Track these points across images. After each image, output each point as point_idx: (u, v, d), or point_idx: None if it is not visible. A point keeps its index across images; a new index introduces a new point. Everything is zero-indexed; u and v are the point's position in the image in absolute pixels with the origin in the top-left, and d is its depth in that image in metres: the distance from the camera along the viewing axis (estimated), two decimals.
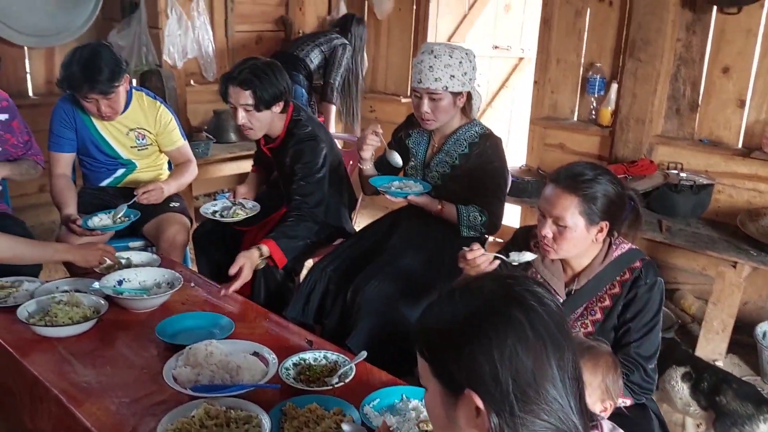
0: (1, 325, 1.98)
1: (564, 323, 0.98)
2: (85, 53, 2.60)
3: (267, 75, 2.54)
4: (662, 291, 1.87)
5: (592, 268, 1.91)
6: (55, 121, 2.82)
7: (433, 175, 2.60)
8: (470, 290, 1.00)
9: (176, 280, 2.24)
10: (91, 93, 2.60)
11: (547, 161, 4.15)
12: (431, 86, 2.41)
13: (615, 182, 1.83)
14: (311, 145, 2.69)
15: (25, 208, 4.10)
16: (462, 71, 2.42)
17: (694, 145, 3.58)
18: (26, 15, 4.06)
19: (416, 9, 4.83)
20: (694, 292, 3.68)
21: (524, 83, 5.41)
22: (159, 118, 2.90)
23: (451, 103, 2.47)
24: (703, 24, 3.48)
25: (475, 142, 2.52)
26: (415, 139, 2.68)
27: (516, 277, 1.03)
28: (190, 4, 4.05)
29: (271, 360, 1.77)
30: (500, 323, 0.94)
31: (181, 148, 3.02)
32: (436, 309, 1.01)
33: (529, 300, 0.96)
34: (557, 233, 1.83)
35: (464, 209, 2.50)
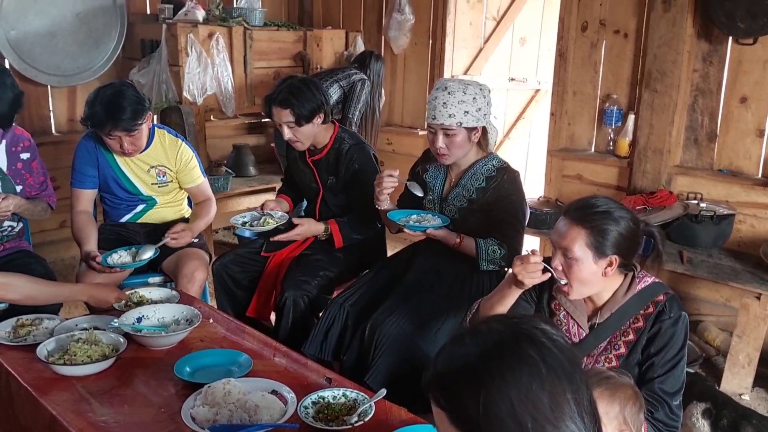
0: (21, 363, 1.98)
1: (576, 358, 0.98)
2: (108, 92, 2.64)
3: (303, 92, 2.73)
4: (687, 325, 1.85)
5: (615, 301, 1.88)
6: (78, 158, 2.87)
7: (451, 209, 2.59)
8: (479, 332, 0.99)
9: (195, 316, 2.24)
10: (115, 131, 2.64)
11: (565, 192, 4.13)
12: (445, 122, 2.42)
13: (628, 217, 1.81)
14: (362, 151, 2.88)
15: (44, 244, 4.16)
16: (476, 107, 2.43)
17: (713, 175, 3.55)
18: (49, 55, 4.17)
19: (432, 43, 4.87)
20: (718, 324, 3.62)
21: (541, 115, 5.41)
22: (180, 155, 2.93)
23: (465, 139, 2.47)
24: (719, 55, 3.47)
25: (492, 175, 2.52)
26: (433, 174, 2.69)
27: (522, 316, 1.04)
28: (209, 41, 4.12)
29: (289, 398, 1.76)
30: (513, 361, 0.93)
31: (201, 186, 3.04)
32: (447, 354, 0.99)
33: (540, 337, 0.96)
34: (566, 265, 1.83)
35: (483, 243, 2.48)
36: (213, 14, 4.33)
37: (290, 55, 4.70)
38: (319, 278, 2.78)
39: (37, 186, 2.80)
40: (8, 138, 2.68)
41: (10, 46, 3.99)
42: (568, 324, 1.95)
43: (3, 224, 2.70)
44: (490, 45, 5.08)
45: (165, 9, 4.25)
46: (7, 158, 2.69)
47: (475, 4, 4.92)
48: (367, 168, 2.88)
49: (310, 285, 2.73)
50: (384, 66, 4.64)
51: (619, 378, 1.60)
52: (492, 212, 2.51)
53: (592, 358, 1.90)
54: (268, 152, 5.16)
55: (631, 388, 1.60)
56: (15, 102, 2.54)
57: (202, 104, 4.18)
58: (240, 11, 4.39)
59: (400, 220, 2.56)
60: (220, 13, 4.35)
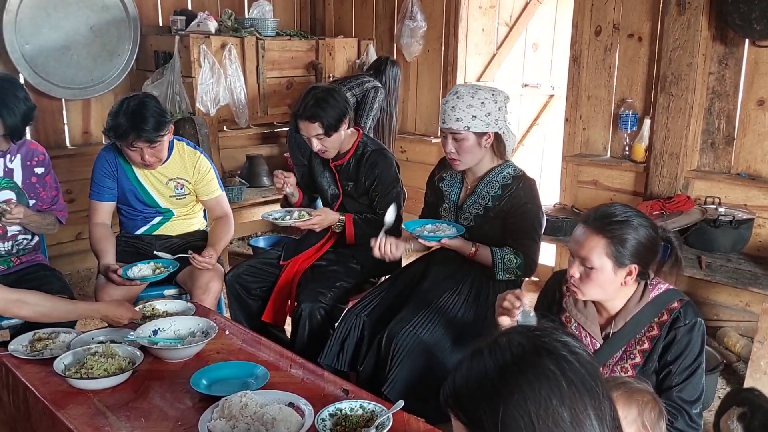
0: (38, 377, 1.99)
1: (597, 372, 0.95)
2: (132, 103, 2.67)
3: (329, 102, 2.76)
4: (703, 332, 1.81)
5: (628, 309, 1.85)
6: (97, 171, 2.88)
7: (466, 216, 2.58)
8: (498, 345, 0.97)
9: (211, 328, 2.23)
10: (138, 141, 2.66)
11: (580, 199, 4.10)
12: (453, 126, 2.42)
13: (647, 225, 1.79)
14: (384, 156, 2.90)
15: (61, 256, 4.17)
16: (485, 111, 2.40)
17: (731, 179, 3.51)
18: (64, 69, 4.19)
19: (444, 50, 4.86)
20: (738, 330, 3.57)
21: (555, 120, 5.38)
22: (198, 167, 2.94)
23: (475, 144, 2.45)
24: (735, 57, 3.44)
25: (508, 183, 2.50)
26: (449, 182, 2.67)
27: (544, 328, 1.01)
28: (222, 52, 4.13)
29: (307, 411, 1.75)
30: (533, 376, 0.91)
31: (218, 198, 3.05)
32: (466, 368, 0.97)
33: (560, 350, 0.94)
34: (584, 274, 1.81)
35: (499, 252, 2.46)
36: (225, 25, 4.35)
37: (303, 65, 4.70)
38: (335, 289, 2.77)
39: (48, 200, 2.81)
40: (23, 152, 2.70)
41: (25, 60, 4.02)
42: (580, 335, 1.93)
43: (18, 238, 2.71)
44: (502, 51, 5.06)
45: (177, 21, 4.28)
46: (23, 172, 2.71)
47: (487, 10, 4.90)
48: (388, 174, 2.88)
49: (325, 296, 2.73)
50: (400, 71, 4.62)
51: (636, 383, 1.57)
52: (508, 221, 2.49)
53: (607, 368, 1.88)
54: (281, 162, 5.16)
55: (650, 394, 1.56)
56: (27, 115, 2.56)
57: (216, 115, 4.19)
58: (252, 21, 4.40)
59: (415, 230, 2.55)
60: (233, 24, 4.36)
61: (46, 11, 4.06)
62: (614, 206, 1.84)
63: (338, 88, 2.96)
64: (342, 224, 2.89)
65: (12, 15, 3.92)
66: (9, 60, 3.98)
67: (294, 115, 2.88)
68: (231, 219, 3.07)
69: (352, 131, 2.97)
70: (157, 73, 4.18)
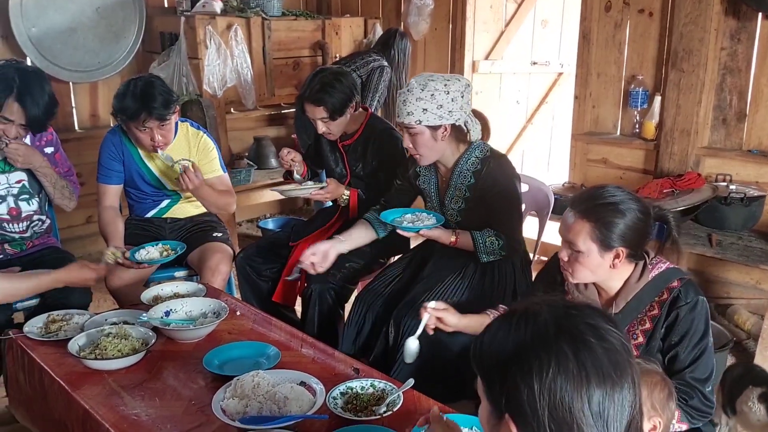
0: (53, 358, 2.01)
1: (623, 360, 0.96)
2: (140, 83, 2.69)
3: (334, 86, 2.74)
4: (707, 310, 1.80)
5: (628, 290, 1.84)
6: (104, 154, 2.89)
7: (452, 212, 2.55)
8: (526, 316, 1.00)
9: (222, 309, 2.25)
10: (149, 119, 2.67)
11: (590, 177, 4.08)
12: (405, 121, 2.36)
13: (636, 208, 1.77)
14: (391, 136, 2.88)
15: (72, 239, 4.19)
16: (436, 104, 2.33)
17: (743, 156, 3.48)
18: (70, 52, 4.19)
19: (452, 28, 4.82)
20: (748, 307, 3.56)
21: (564, 98, 5.34)
22: (201, 145, 2.95)
23: (430, 138, 2.39)
24: (748, 32, 3.39)
25: (478, 169, 2.45)
26: (425, 179, 2.63)
27: (580, 307, 1.02)
28: (228, 33, 4.11)
29: (318, 390, 1.76)
30: (545, 355, 0.94)
31: (221, 177, 3.02)
32: (493, 331, 1.02)
33: (585, 334, 0.96)
34: (572, 257, 1.81)
35: (479, 235, 2.43)
36: (231, 5, 4.32)
37: (309, 45, 4.67)
38: (344, 270, 2.78)
39: (64, 174, 2.84)
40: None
41: (32, 43, 4.02)
42: None
43: (33, 218, 2.73)
44: (511, 28, 5.01)
45: (183, 1, 4.25)
46: None
47: None
48: (394, 154, 2.87)
49: (335, 277, 2.73)
50: (410, 43, 4.54)
51: (645, 364, 1.57)
52: (486, 204, 2.45)
53: None
54: (289, 143, 5.15)
55: (659, 375, 1.56)
56: (50, 109, 2.57)
57: (222, 96, 4.18)
58: (258, 1, 4.37)
59: (394, 220, 2.51)
60: (238, 4, 4.34)
61: None
62: (605, 188, 1.82)
63: (345, 72, 2.94)
64: (347, 198, 2.88)
65: None
66: (16, 44, 3.98)
67: (300, 97, 2.88)
68: (233, 196, 3.04)
69: (360, 111, 2.95)
70: (163, 55, 4.17)
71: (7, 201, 2.66)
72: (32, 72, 2.59)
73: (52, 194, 2.77)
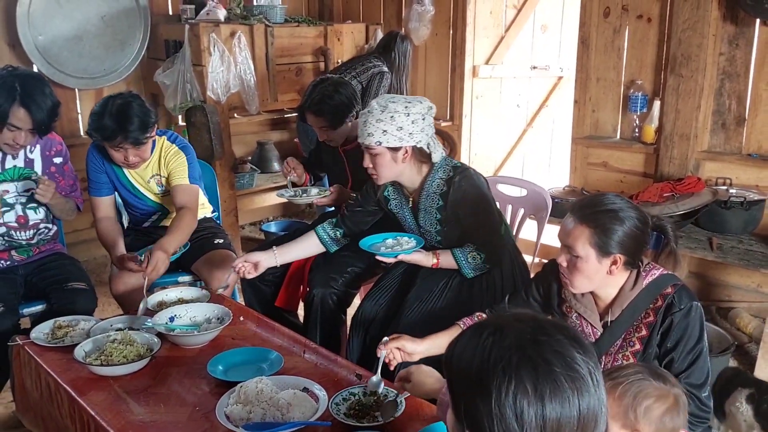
0: (60, 364, 2.04)
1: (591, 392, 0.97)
2: (118, 102, 2.58)
3: (334, 97, 2.81)
4: (701, 315, 1.82)
5: (623, 297, 1.87)
6: (89, 167, 2.85)
7: (430, 234, 2.55)
8: (497, 332, 1.01)
9: (226, 315, 2.28)
10: (125, 143, 2.60)
11: (590, 181, 4.11)
12: (365, 141, 2.38)
13: (635, 216, 1.80)
14: None
15: (77, 243, 4.24)
16: (396, 126, 2.33)
17: (742, 160, 3.50)
18: (76, 59, 4.24)
19: (453, 33, 4.85)
20: (750, 311, 3.58)
21: (564, 102, 5.37)
22: (170, 156, 2.84)
23: (390, 159, 2.39)
24: (746, 37, 3.41)
25: (444, 190, 2.44)
26: (396, 204, 2.62)
27: (550, 332, 1.01)
28: (231, 40, 4.15)
29: (321, 396, 1.79)
30: (506, 383, 0.95)
31: (184, 186, 2.81)
32: (463, 343, 1.04)
33: (552, 364, 0.96)
34: (570, 263, 1.84)
35: (460, 253, 2.43)
36: (234, 13, 4.36)
37: (311, 51, 4.71)
38: (346, 274, 2.80)
39: (67, 188, 2.86)
40: (42, 143, 2.74)
41: (39, 51, 4.07)
42: (581, 325, 1.95)
43: (40, 227, 2.76)
44: (511, 33, 5.04)
45: (187, 9, 4.29)
46: (43, 162, 2.75)
47: None
48: None
49: (337, 282, 2.76)
50: (411, 46, 4.53)
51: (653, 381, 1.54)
52: (462, 220, 2.46)
53: (610, 357, 1.90)
54: (292, 147, 5.20)
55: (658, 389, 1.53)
56: (53, 111, 2.59)
57: (226, 102, 4.22)
58: (261, 9, 4.41)
59: (373, 245, 2.49)
60: (241, 12, 4.37)
61: (58, 2, 4.10)
62: (605, 196, 1.86)
63: (345, 82, 2.98)
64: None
65: (25, 7, 3.96)
66: (23, 52, 4.03)
67: (301, 107, 2.93)
68: (195, 215, 2.81)
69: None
70: (168, 62, 4.20)
71: (15, 209, 2.69)
72: (31, 76, 2.60)
73: (60, 216, 2.83)
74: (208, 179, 3.29)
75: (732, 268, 3.51)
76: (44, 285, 2.67)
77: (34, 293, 2.69)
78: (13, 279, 2.68)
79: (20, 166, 2.70)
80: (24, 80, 2.52)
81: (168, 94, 4.10)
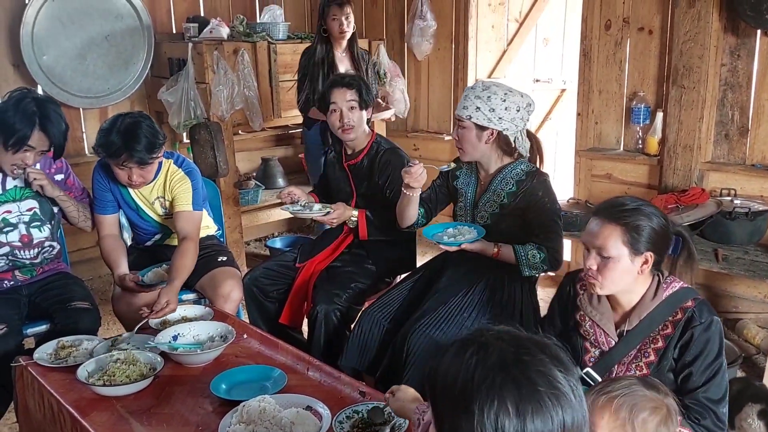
0: (63, 384, 2.04)
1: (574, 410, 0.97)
2: (127, 121, 2.59)
3: (365, 81, 2.97)
4: (721, 330, 1.81)
5: (642, 307, 1.86)
6: (94, 185, 2.86)
7: (482, 215, 2.59)
8: (480, 350, 1.00)
9: (229, 333, 2.28)
10: (129, 162, 2.60)
11: (595, 193, 4.10)
12: (458, 112, 2.50)
13: (658, 214, 1.82)
14: (397, 155, 2.96)
15: (82, 262, 4.24)
16: (489, 106, 2.42)
17: (746, 171, 3.49)
18: (80, 78, 4.27)
19: (455, 48, 4.88)
20: (757, 322, 3.55)
21: (567, 114, 5.37)
22: (175, 181, 2.84)
23: (475, 137, 2.47)
24: (747, 48, 3.42)
25: (522, 179, 2.51)
26: (463, 180, 2.69)
27: (533, 352, 1.01)
28: (235, 57, 4.17)
29: (324, 414, 1.78)
30: (489, 403, 0.95)
31: (186, 214, 2.78)
32: (446, 363, 1.03)
33: (536, 384, 0.96)
34: (602, 265, 1.82)
35: (521, 249, 2.46)
36: (237, 30, 4.38)
37: None
38: (350, 290, 2.80)
39: (80, 194, 2.88)
40: (42, 161, 2.74)
41: (42, 71, 4.10)
42: (596, 333, 1.94)
43: (44, 245, 2.76)
44: (513, 47, 5.06)
45: (190, 28, 4.32)
46: None
47: (496, 7, 4.91)
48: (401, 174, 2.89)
49: (341, 298, 2.76)
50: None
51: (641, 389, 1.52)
52: (527, 216, 2.50)
53: (623, 366, 1.89)
54: (296, 163, 5.21)
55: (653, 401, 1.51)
56: (66, 133, 2.62)
57: (230, 119, 4.23)
58: (264, 26, 4.44)
59: (435, 235, 2.56)
60: (245, 29, 4.40)
61: (62, 22, 4.13)
62: (623, 197, 1.89)
63: None
64: (356, 219, 2.92)
65: (29, 27, 3.99)
66: (27, 72, 4.06)
67: (329, 83, 2.99)
68: (196, 246, 2.75)
69: (368, 131, 3.01)
70: (171, 80, 4.23)
71: (18, 228, 2.69)
72: (47, 102, 2.61)
73: (76, 218, 2.82)
74: (212, 196, 3.29)
75: (738, 279, 3.49)
76: (48, 305, 2.67)
77: (38, 313, 2.69)
78: (17, 299, 2.68)
79: (21, 186, 2.70)
80: (41, 103, 2.54)
81: (172, 111, 4.12)
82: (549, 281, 3.92)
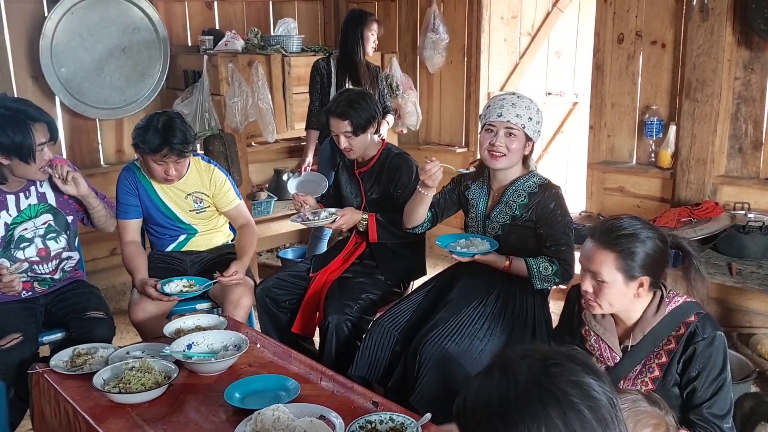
0: (79, 392, 2.06)
1: (611, 418, 0.95)
2: (162, 118, 2.76)
3: (359, 104, 2.89)
4: (724, 345, 1.81)
5: (646, 322, 1.86)
6: (120, 190, 2.94)
7: (494, 225, 2.60)
8: (507, 371, 0.98)
9: (243, 342, 2.29)
10: (170, 155, 2.74)
11: (607, 206, 4.09)
12: (512, 120, 2.42)
13: (655, 237, 1.81)
14: (407, 160, 2.99)
15: (96, 271, 4.28)
16: (535, 120, 2.47)
17: (760, 184, 3.48)
18: (98, 90, 4.32)
19: (467, 61, 4.90)
20: None
21: (579, 128, 5.37)
22: (213, 180, 3.00)
23: (520, 146, 2.48)
24: (761, 62, 3.42)
25: (534, 192, 2.52)
26: (475, 191, 2.69)
27: (561, 361, 0.99)
28: (249, 70, 4.21)
29: (337, 424, 1.78)
30: (531, 420, 0.92)
31: (238, 207, 3.08)
32: (476, 388, 1.00)
33: (571, 395, 0.94)
34: (597, 288, 1.83)
35: (533, 261, 2.47)
36: (252, 43, 4.43)
37: None
38: (361, 301, 2.82)
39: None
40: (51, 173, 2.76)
41: (60, 83, 4.15)
42: (600, 348, 1.94)
43: (62, 255, 2.78)
44: (525, 60, 5.08)
45: (206, 40, 4.37)
46: (54, 192, 2.75)
47: (509, 21, 4.93)
48: (410, 175, 2.93)
49: (352, 309, 2.77)
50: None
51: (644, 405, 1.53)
52: (539, 229, 2.51)
53: (629, 382, 1.89)
54: None
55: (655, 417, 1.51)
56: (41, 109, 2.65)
57: (244, 131, 4.27)
58: (278, 39, 4.48)
59: (448, 245, 2.57)
60: (259, 42, 4.45)
61: (81, 35, 4.20)
62: (621, 219, 1.86)
63: (370, 93, 3.10)
64: (365, 223, 2.94)
65: (48, 40, 4.05)
66: (45, 84, 4.12)
67: (325, 111, 3.03)
68: (254, 226, 3.10)
69: (378, 140, 3.04)
70: (186, 92, 4.28)
71: (35, 243, 2.71)
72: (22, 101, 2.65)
73: (104, 217, 2.88)
74: None
75: (752, 294, 3.47)
76: (63, 314, 2.69)
77: (54, 321, 2.72)
78: (33, 308, 2.71)
79: (34, 203, 2.72)
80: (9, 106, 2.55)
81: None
82: (561, 294, 3.90)
